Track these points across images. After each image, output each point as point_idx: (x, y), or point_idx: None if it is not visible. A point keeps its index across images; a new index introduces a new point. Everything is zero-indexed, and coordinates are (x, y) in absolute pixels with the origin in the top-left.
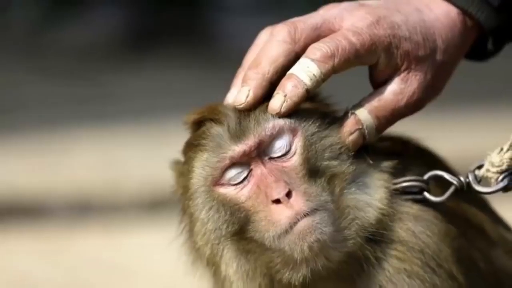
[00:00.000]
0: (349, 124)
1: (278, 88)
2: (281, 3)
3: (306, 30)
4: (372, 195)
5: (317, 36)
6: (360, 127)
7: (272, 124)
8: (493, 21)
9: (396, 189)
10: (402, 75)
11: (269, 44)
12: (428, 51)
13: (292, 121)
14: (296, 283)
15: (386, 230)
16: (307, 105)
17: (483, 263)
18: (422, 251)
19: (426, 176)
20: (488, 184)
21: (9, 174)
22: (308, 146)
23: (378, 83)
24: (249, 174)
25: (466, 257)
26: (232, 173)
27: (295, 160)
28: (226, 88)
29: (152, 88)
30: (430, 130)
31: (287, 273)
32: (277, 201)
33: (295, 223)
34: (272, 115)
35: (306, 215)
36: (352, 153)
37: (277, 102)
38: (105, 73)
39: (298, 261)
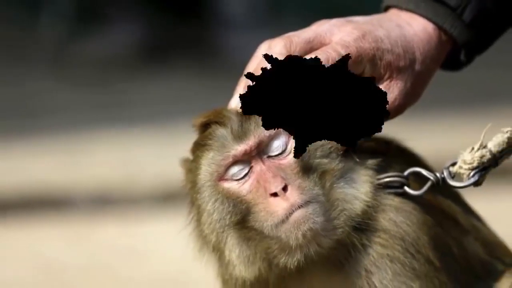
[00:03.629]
0: None
1: None
2: (278, 20)
3: (300, 43)
4: (358, 189)
5: (310, 48)
6: None
7: None
8: (465, 35)
9: (379, 184)
10: (385, 83)
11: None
12: (408, 62)
13: None
14: (292, 267)
15: (371, 220)
16: None
17: (457, 249)
18: (403, 239)
19: (406, 172)
20: (461, 180)
21: (39, 170)
22: None
23: None
24: (250, 171)
25: (442, 244)
26: (234, 169)
27: (290, 158)
28: (230, 94)
29: (164, 95)
30: (410, 132)
31: (283, 258)
32: (275, 194)
33: (290, 213)
34: None
35: (300, 206)
36: (341, 152)
37: None
38: (123, 82)
39: (293, 247)
